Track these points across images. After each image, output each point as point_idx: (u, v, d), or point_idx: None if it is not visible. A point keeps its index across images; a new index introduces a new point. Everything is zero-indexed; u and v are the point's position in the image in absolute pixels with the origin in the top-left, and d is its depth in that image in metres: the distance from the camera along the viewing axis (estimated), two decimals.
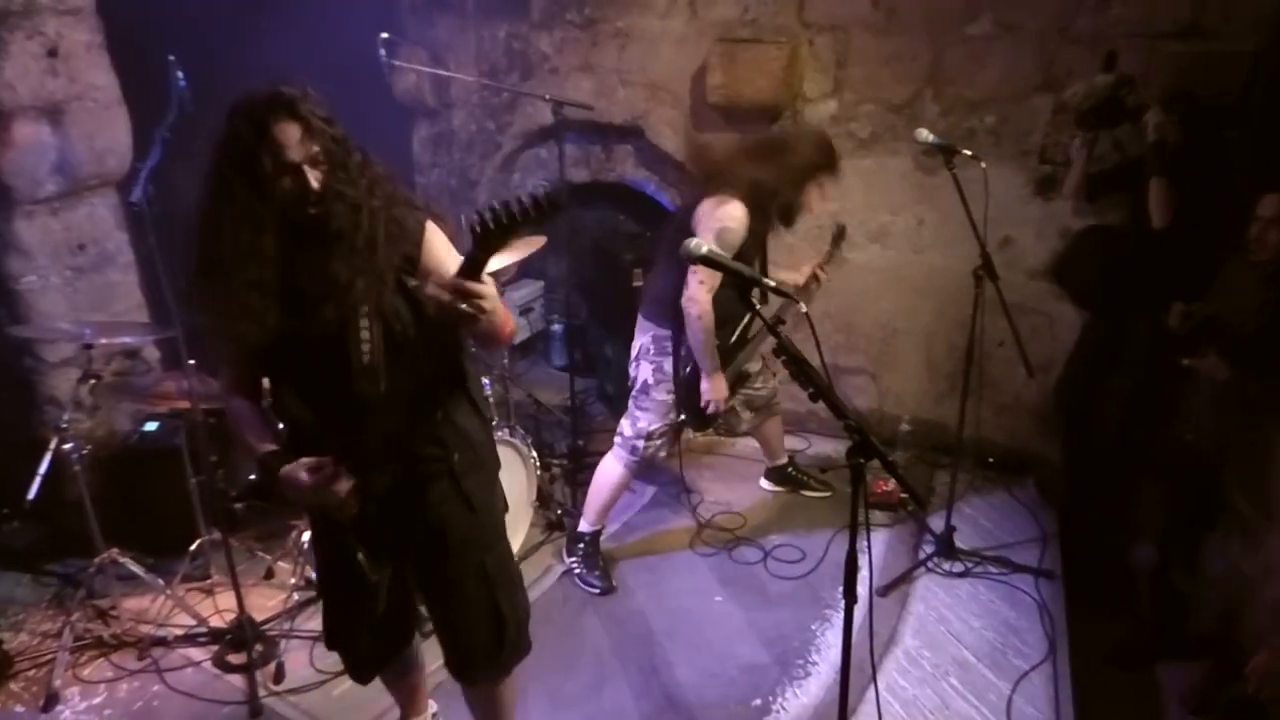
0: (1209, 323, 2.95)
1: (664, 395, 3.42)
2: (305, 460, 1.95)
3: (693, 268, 3.09)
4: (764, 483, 4.35)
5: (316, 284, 1.88)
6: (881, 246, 4.39)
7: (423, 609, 2.42)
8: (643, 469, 3.59)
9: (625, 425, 3.54)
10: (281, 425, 2.14)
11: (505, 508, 2.35)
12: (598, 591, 3.60)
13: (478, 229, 1.63)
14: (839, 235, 3.77)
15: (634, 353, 3.48)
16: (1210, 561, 3.10)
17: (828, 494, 4.22)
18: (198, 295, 1.94)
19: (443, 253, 2.04)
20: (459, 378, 2.14)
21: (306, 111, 1.80)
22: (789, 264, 3.74)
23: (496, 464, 2.33)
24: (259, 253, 1.83)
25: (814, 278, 3.66)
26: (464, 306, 1.72)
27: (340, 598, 2.30)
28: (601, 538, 3.73)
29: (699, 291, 3.12)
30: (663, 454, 3.57)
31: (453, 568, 2.21)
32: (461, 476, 2.15)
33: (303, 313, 1.90)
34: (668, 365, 3.38)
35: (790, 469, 4.28)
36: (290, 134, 1.78)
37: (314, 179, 1.81)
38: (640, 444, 3.47)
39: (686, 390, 3.35)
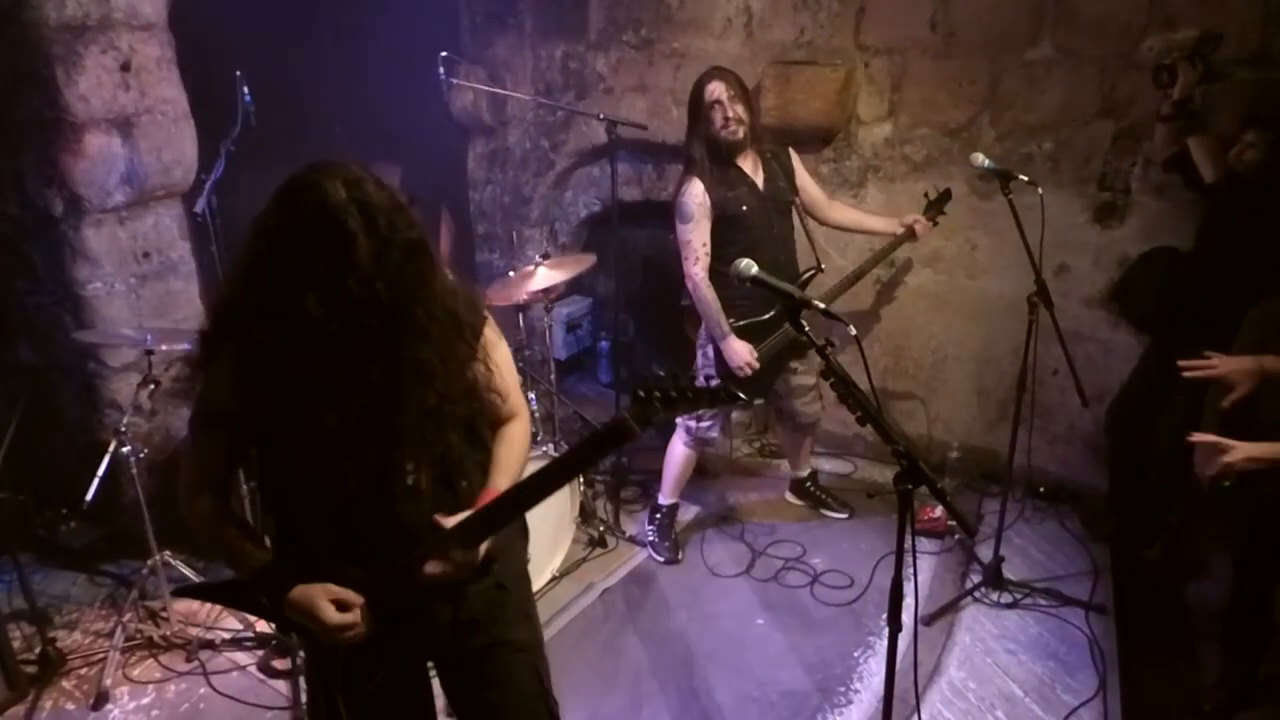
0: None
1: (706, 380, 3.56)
2: (330, 590, 1.68)
3: (682, 246, 3.48)
4: (788, 495, 4.37)
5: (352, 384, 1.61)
6: (934, 271, 4.35)
7: None
8: (700, 447, 3.88)
9: None
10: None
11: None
12: (663, 560, 3.90)
13: (641, 394, 1.53)
14: (943, 197, 3.86)
15: (699, 341, 3.73)
16: None
17: (844, 515, 4.20)
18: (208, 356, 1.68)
19: (501, 350, 1.87)
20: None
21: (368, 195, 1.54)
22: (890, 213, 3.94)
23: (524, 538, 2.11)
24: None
25: (910, 232, 3.77)
26: None
27: None
28: (679, 512, 4.04)
29: (689, 269, 3.48)
30: (714, 434, 3.83)
31: (508, 687, 1.95)
32: (512, 585, 1.94)
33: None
34: (709, 350, 3.63)
35: (809, 484, 4.27)
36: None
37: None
38: (692, 424, 3.76)
39: (718, 359, 3.57)
